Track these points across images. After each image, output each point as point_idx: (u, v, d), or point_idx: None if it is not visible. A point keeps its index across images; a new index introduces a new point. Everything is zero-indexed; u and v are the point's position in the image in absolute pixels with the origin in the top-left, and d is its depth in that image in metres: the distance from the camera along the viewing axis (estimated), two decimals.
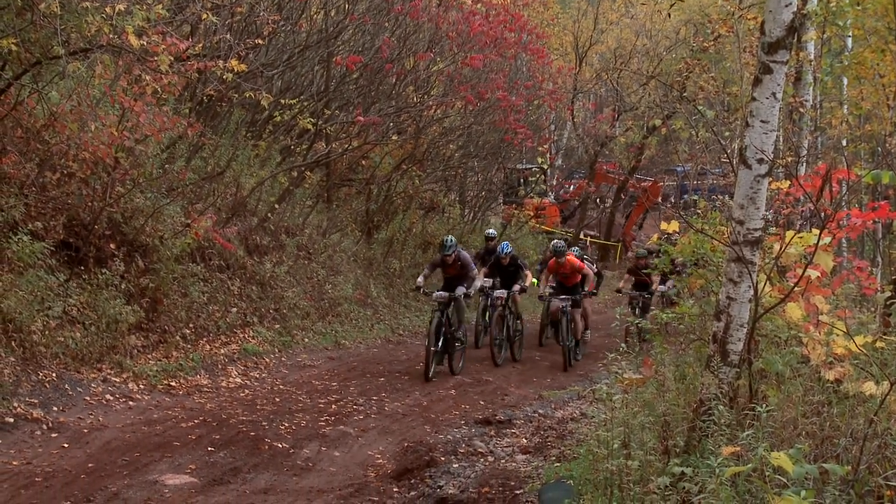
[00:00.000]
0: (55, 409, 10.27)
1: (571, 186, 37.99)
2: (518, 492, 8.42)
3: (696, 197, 12.76)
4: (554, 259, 17.01)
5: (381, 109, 20.34)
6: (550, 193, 36.74)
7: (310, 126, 18.12)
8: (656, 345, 9.50)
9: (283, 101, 17.62)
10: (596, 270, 17.38)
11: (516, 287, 17.10)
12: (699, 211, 11.06)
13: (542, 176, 34.66)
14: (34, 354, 10.69)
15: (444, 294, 15.10)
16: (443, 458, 9.79)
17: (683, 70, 22.39)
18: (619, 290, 19.11)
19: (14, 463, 8.68)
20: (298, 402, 12.28)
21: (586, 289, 17.44)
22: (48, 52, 11.05)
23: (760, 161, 6.70)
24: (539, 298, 18.43)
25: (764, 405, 5.85)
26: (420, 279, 15.82)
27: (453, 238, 15.87)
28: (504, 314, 16.87)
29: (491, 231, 20.81)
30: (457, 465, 9.57)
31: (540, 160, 32.97)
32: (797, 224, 11.94)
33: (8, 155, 11.42)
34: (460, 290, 15.30)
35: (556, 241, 18.17)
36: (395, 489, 8.91)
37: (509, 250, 17.47)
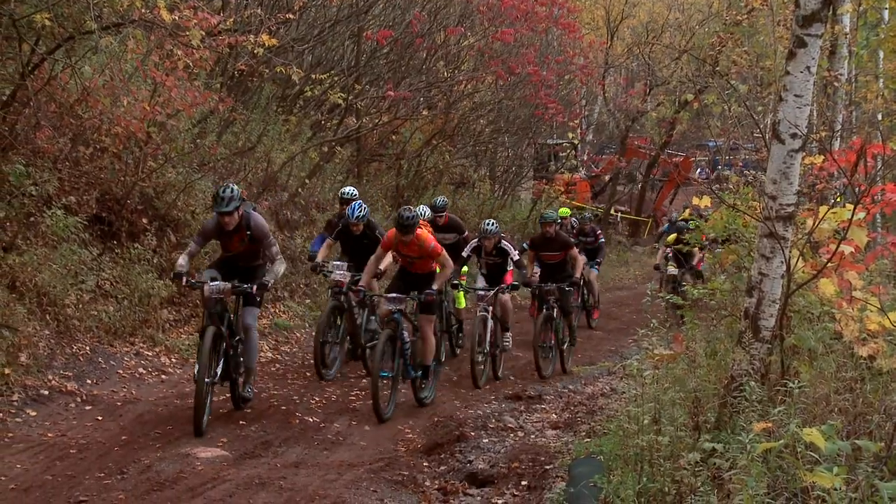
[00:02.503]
0: (89, 381, 10.37)
1: (600, 164, 37.78)
2: (548, 467, 8.43)
3: (728, 172, 12.66)
4: (394, 231, 11.11)
5: (412, 84, 20.33)
6: (581, 169, 36.58)
7: (340, 101, 18.13)
8: (687, 320, 9.46)
9: (313, 76, 17.61)
10: (516, 256, 13.42)
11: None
12: (731, 186, 10.98)
13: (573, 151, 34.54)
14: (68, 328, 10.79)
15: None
16: (472, 434, 9.81)
17: (716, 44, 22.13)
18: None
19: (49, 435, 8.78)
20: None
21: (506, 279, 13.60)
22: (81, 27, 11.11)
23: (794, 136, 6.64)
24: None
25: (796, 381, 5.82)
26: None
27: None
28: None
29: (348, 189, 13.81)
30: (486, 441, 9.60)
31: (570, 135, 32.83)
32: (831, 199, 11.84)
33: (42, 130, 11.49)
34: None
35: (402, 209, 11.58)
36: (424, 464, 8.94)
37: (361, 214, 12.21)
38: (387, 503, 7.74)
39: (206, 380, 9.08)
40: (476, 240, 13.45)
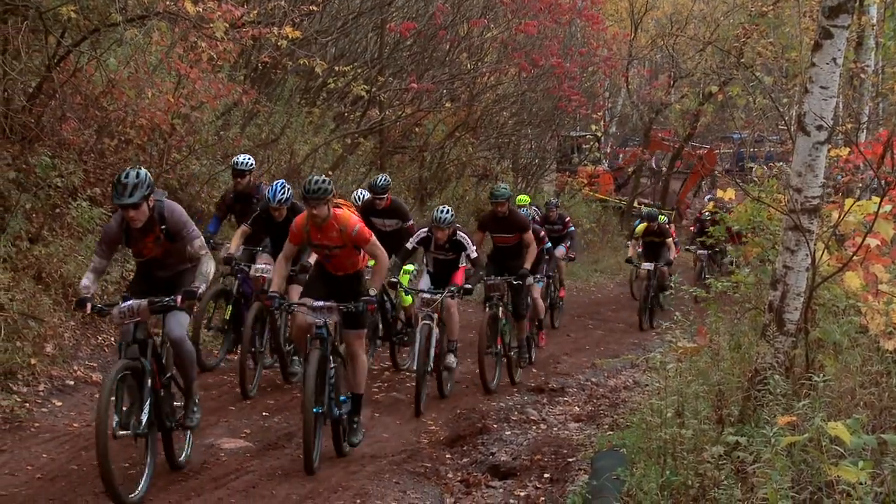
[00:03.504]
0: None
1: (622, 155, 37.64)
2: (570, 460, 8.43)
3: (752, 164, 12.59)
4: (303, 216, 8.76)
5: (435, 76, 20.31)
6: (604, 161, 36.48)
7: (363, 93, 18.14)
8: (711, 313, 9.43)
9: (336, 68, 17.64)
10: (474, 252, 11.11)
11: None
12: (756, 178, 10.93)
13: (596, 143, 34.43)
14: (93, 319, 10.84)
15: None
16: (495, 426, 9.81)
17: (741, 35, 22.04)
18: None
19: (75, 425, 8.84)
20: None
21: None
22: (106, 19, 11.15)
23: (819, 128, 6.60)
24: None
25: (821, 375, 5.79)
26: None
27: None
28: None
29: (242, 157, 11.69)
30: (509, 433, 9.60)
31: (594, 127, 32.74)
32: (857, 192, 11.75)
33: (67, 121, 11.56)
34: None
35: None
36: (447, 455, 8.95)
37: (284, 196, 10.29)
38: (409, 495, 7.76)
39: (117, 431, 7.01)
40: (425, 229, 11.14)
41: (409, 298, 12.08)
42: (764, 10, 20.21)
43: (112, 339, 10.83)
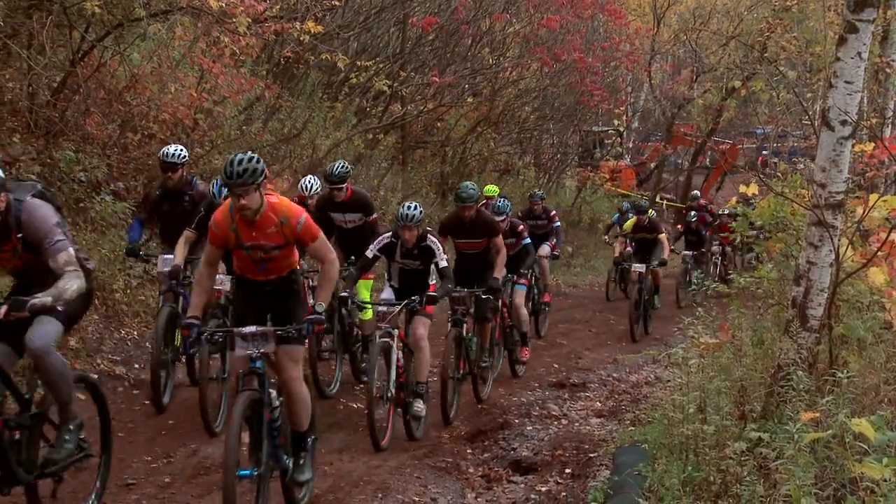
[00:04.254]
0: (136, 366, 10.46)
1: (645, 151, 37.53)
2: (592, 455, 8.42)
3: (776, 159, 12.52)
4: (223, 208, 7.00)
5: (457, 71, 20.31)
6: (626, 156, 36.38)
7: (385, 88, 18.16)
8: (734, 309, 9.38)
9: (359, 63, 17.66)
10: (444, 260, 9.41)
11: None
12: (779, 173, 10.88)
13: (618, 138, 34.34)
14: (116, 313, 10.90)
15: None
16: (516, 421, 9.81)
17: (765, 30, 21.90)
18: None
19: (98, 418, 8.87)
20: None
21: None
22: (130, 14, 11.22)
23: (844, 123, 6.56)
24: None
25: (844, 371, 5.76)
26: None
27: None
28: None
29: (172, 148, 9.74)
30: (530, 428, 9.59)
31: (616, 122, 32.66)
32: (881, 187, 11.69)
33: (91, 116, 11.63)
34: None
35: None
36: (468, 450, 8.95)
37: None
38: (430, 489, 7.77)
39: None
40: (388, 234, 9.39)
41: (369, 313, 10.42)
42: (788, 4, 20.08)
43: (135, 332, 10.89)
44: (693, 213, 20.28)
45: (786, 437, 5.17)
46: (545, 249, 15.42)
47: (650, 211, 17.90)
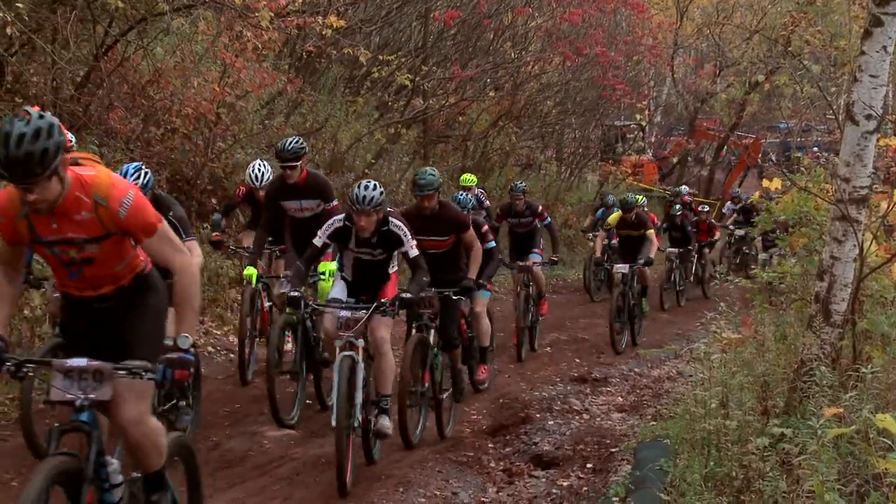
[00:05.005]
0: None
1: (668, 146, 37.40)
2: (613, 450, 8.40)
3: (799, 154, 12.44)
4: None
5: (479, 65, 20.29)
6: (649, 150, 36.28)
7: (407, 82, 18.16)
8: (757, 304, 9.34)
9: (380, 58, 17.67)
10: (413, 248, 7.97)
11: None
12: (803, 168, 10.81)
13: (641, 133, 34.25)
14: None
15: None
16: (538, 415, 9.79)
17: (789, 24, 21.82)
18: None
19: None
20: (395, 357, 12.36)
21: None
22: (153, 8, 11.25)
23: (868, 117, 6.51)
24: None
25: (868, 366, 5.73)
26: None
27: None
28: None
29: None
30: (552, 423, 9.57)
31: (638, 117, 32.59)
32: None
33: (115, 110, 11.68)
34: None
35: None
36: (489, 445, 8.95)
37: (144, 181, 7.50)
38: (452, 483, 7.77)
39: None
40: (340, 216, 7.88)
41: (327, 285, 9.23)
42: None
43: None
44: (678, 206, 19.56)
45: (809, 433, 5.15)
46: (534, 258, 13.25)
47: (639, 198, 16.76)
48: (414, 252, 7.79)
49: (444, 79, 19.76)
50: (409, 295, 7.58)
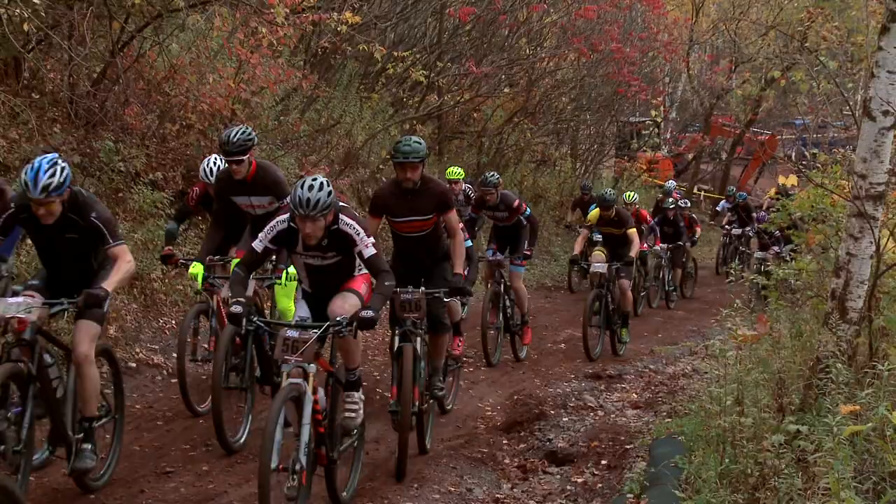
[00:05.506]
0: (174, 355, 10.52)
1: (683, 142, 37.29)
2: (628, 447, 8.40)
3: (815, 150, 12.36)
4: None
5: (494, 61, 20.26)
6: (664, 147, 36.19)
7: (422, 78, 18.15)
8: (772, 301, 9.31)
9: (395, 54, 17.67)
10: (370, 247, 6.68)
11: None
12: (819, 165, 10.76)
13: (656, 129, 34.16)
14: (154, 302, 10.97)
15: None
16: (552, 412, 9.79)
17: (805, 19, 21.69)
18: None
19: (137, 406, 8.96)
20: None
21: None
22: (169, 4, 11.28)
23: (886, 113, 6.50)
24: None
25: (885, 363, 5.70)
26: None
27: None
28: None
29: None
30: (566, 419, 9.57)
31: (653, 113, 32.49)
32: None
33: (130, 106, 11.71)
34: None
35: None
36: (504, 441, 8.95)
37: (53, 181, 6.12)
38: (466, 480, 7.78)
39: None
40: (285, 216, 6.58)
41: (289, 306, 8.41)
42: None
43: (173, 322, 10.96)
44: (670, 200, 18.96)
45: (825, 430, 5.14)
46: (514, 270, 12.19)
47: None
48: (370, 251, 6.56)
49: (458, 75, 19.75)
50: (369, 313, 6.21)
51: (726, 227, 22.36)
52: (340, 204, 6.59)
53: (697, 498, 5.92)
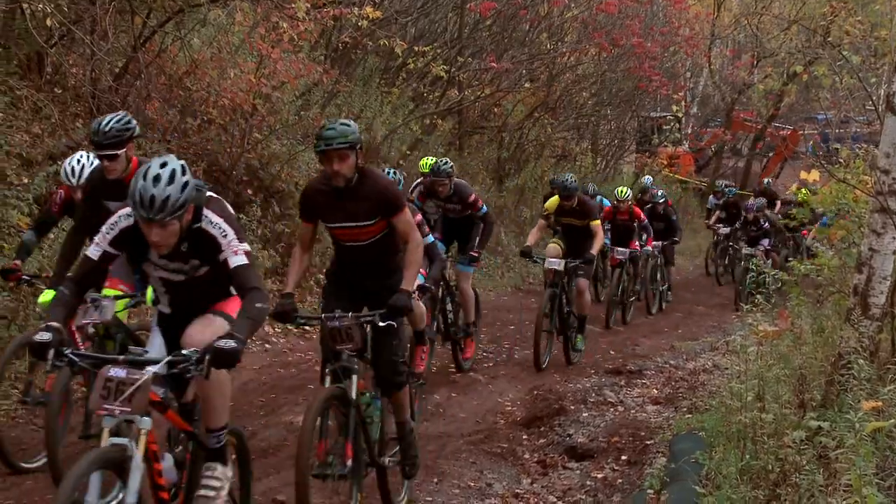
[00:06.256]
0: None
1: (704, 137, 37.13)
2: (648, 442, 8.38)
3: (838, 146, 12.27)
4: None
5: (515, 56, 20.24)
6: (685, 142, 36.08)
7: (443, 73, 18.14)
8: (793, 297, 9.28)
9: (416, 49, 17.66)
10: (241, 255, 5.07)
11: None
12: (841, 160, 10.70)
13: (677, 124, 34.05)
14: None
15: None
16: (572, 407, 9.78)
17: (828, 13, 21.57)
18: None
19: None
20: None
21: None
22: (191, 0, 11.31)
23: None
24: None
25: None
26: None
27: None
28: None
29: None
30: (586, 415, 9.56)
31: (674, 108, 32.38)
32: None
33: (152, 101, 11.76)
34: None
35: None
36: (524, 436, 8.95)
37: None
38: (486, 475, 7.78)
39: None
40: (127, 210, 4.87)
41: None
42: None
43: None
44: (660, 193, 18.05)
45: (846, 426, 5.11)
46: (462, 269, 10.85)
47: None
48: (238, 260, 4.91)
49: (479, 70, 19.73)
50: (229, 343, 4.47)
51: (716, 226, 21.05)
52: (208, 194, 5.08)
53: (718, 494, 5.91)
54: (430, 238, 9.08)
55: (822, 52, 19.22)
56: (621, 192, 15.92)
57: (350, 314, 6.05)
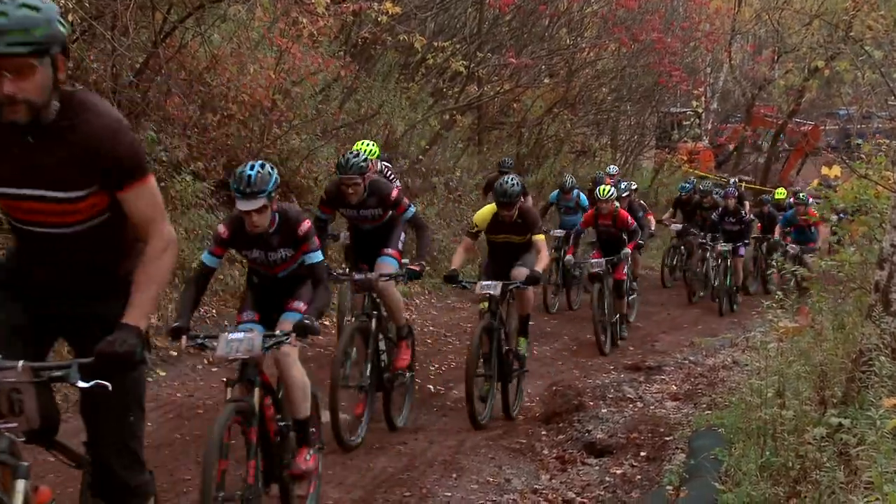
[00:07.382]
0: (215, 344, 10.58)
1: (724, 133, 36.98)
2: (667, 439, 8.36)
3: (859, 141, 12.18)
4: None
5: (534, 52, 20.21)
6: (705, 137, 35.96)
7: (462, 69, 18.14)
8: (814, 293, 9.23)
9: (435, 44, 17.66)
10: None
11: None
12: (863, 155, 10.64)
13: (697, 120, 33.94)
14: None
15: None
16: (591, 403, 9.76)
17: (850, 8, 21.45)
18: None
19: (178, 395, 9.05)
20: (448, 344, 12.40)
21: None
22: None
23: None
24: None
25: None
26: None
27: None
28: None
29: None
30: (605, 411, 9.54)
31: (694, 104, 32.28)
32: None
33: (172, 97, 11.79)
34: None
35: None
36: (542, 432, 8.94)
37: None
38: (505, 470, 7.78)
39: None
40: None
41: None
42: None
43: (214, 311, 11.03)
44: (623, 185, 16.04)
45: (867, 423, 5.08)
46: (385, 262, 8.62)
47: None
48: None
49: (498, 65, 19.72)
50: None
51: (668, 220, 19.19)
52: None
53: (738, 490, 5.89)
54: (412, 209, 8.54)
55: (844, 48, 19.12)
56: (603, 191, 12.99)
57: (20, 363, 3.36)
